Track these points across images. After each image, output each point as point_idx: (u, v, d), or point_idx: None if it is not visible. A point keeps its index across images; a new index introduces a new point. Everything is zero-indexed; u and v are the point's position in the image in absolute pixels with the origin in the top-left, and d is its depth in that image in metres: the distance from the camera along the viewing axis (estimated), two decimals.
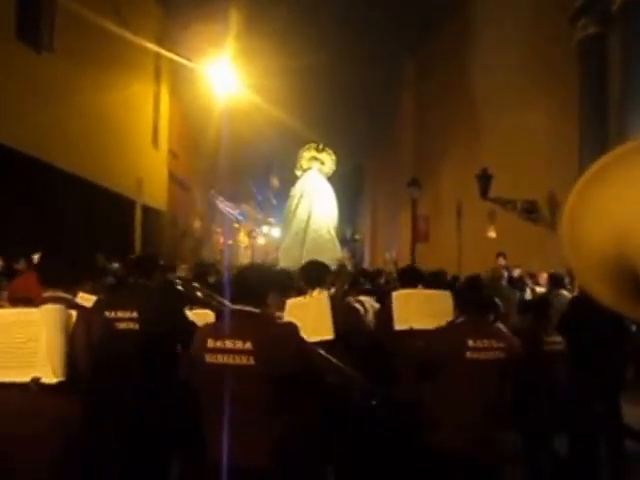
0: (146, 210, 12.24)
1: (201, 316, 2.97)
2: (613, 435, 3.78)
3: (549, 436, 3.49)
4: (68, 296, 2.21)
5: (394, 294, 3.31)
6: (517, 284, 6.43)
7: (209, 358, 2.05)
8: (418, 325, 3.01)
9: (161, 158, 13.79)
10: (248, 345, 2.02)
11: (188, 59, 12.11)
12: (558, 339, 3.45)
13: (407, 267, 4.01)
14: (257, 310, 2.12)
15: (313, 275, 3.08)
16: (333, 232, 7.78)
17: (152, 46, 11.15)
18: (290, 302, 2.90)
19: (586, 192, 0.68)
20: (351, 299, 3.63)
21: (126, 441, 2.56)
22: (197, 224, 17.75)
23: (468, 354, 2.44)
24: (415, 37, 16.01)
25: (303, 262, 5.59)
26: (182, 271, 7.38)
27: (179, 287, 3.25)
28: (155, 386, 2.73)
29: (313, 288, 3.00)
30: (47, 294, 2.18)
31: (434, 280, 4.11)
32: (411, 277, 3.57)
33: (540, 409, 3.33)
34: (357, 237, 26.04)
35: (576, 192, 0.69)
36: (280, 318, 2.69)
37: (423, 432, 2.58)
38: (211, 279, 4.85)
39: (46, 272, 2.26)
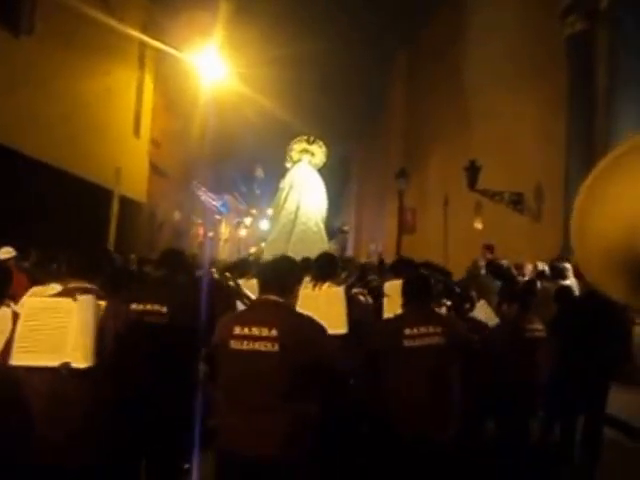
0: (124, 201, 11.85)
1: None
2: (591, 421, 3.83)
3: (524, 419, 3.51)
4: (94, 287, 2.27)
5: (386, 284, 3.29)
6: (504, 276, 6.36)
7: (234, 344, 2.13)
8: None
9: (142, 147, 13.39)
10: (274, 332, 2.10)
11: (174, 47, 11.73)
12: (540, 327, 3.51)
13: (400, 259, 3.94)
14: (282, 300, 2.22)
15: (325, 268, 3.05)
16: (322, 225, 7.67)
17: (137, 34, 10.75)
18: (303, 293, 2.79)
19: (596, 188, 0.70)
20: (357, 292, 3.52)
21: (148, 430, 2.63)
22: (177, 215, 17.37)
23: (405, 342, 2.58)
24: (406, 28, 15.86)
25: (289, 254, 5.41)
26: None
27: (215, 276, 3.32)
28: (179, 379, 2.74)
29: (324, 281, 2.95)
30: (73, 284, 2.26)
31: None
32: (403, 268, 3.52)
33: (519, 393, 3.36)
34: (346, 228, 25.98)
35: (586, 188, 0.71)
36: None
37: (380, 419, 2.69)
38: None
39: (72, 264, 2.35)
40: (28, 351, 2.03)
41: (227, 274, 3.53)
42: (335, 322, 2.70)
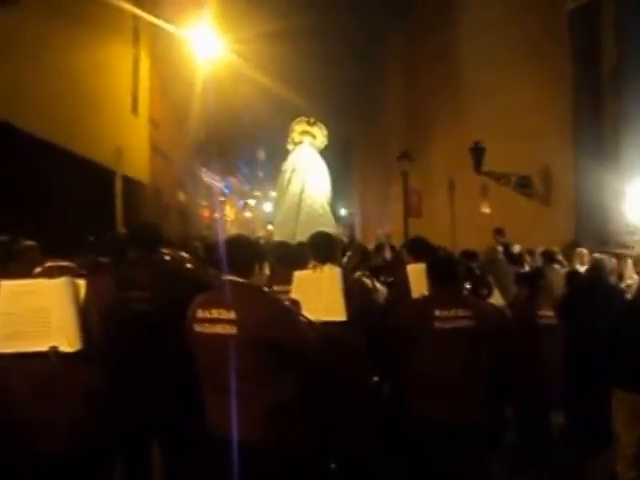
0: (127, 181, 11.68)
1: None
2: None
3: (541, 407, 3.47)
4: (71, 264, 2.20)
5: (409, 267, 3.18)
6: (516, 260, 6.25)
7: (198, 327, 2.11)
8: None
9: (142, 127, 13.15)
10: (232, 314, 2.04)
11: (169, 21, 11.40)
12: (550, 313, 3.49)
13: (417, 239, 3.81)
14: (243, 280, 2.14)
15: (323, 248, 2.84)
16: (327, 207, 7.55)
17: (129, 6, 10.41)
18: (299, 275, 2.68)
19: None
20: (359, 275, 3.39)
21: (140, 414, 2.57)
22: (182, 197, 17.24)
23: (436, 324, 2.56)
24: (402, 5, 15.46)
25: (297, 238, 5.26)
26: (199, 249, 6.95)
27: (166, 258, 3.10)
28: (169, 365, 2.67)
29: (323, 263, 2.75)
30: (50, 263, 2.19)
31: None
32: (423, 249, 3.40)
33: (529, 380, 3.40)
34: (352, 211, 25.88)
35: None
36: (286, 293, 2.62)
37: (407, 400, 2.65)
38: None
39: (47, 241, 2.31)
40: (12, 337, 1.97)
41: (184, 254, 3.34)
42: (332, 309, 2.53)
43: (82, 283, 2.06)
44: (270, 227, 10.27)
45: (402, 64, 17.69)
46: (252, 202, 31.88)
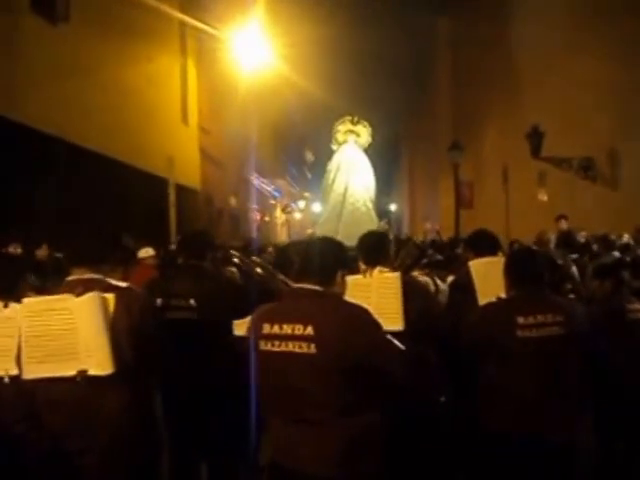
0: (179, 189, 12.09)
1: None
2: None
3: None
4: (98, 276, 1.98)
5: (471, 263, 2.84)
6: (580, 250, 5.81)
7: (264, 345, 1.78)
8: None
9: (191, 135, 13.57)
10: (309, 330, 1.72)
11: (214, 27, 11.63)
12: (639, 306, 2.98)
13: (480, 232, 3.40)
14: (322, 289, 1.80)
15: (373, 249, 2.54)
16: (370, 205, 7.68)
17: (176, 13, 10.69)
18: (351, 280, 2.33)
19: None
20: (417, 274, 3.08)
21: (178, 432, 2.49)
22: (233, 202, 17.59)
23: (519, 332, 2.22)
24: None
25: (340, 236, 5.15)
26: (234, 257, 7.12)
27: (235, 260, 2.91)
28: (212, 377, 2.51)
29: (374, 266, 2.46)
30: (73, 277, 1.98)
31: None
32: (487, 243, 3.01)
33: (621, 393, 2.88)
34: (392, 209, 25.48)
35: None
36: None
37: (482, 418, 2.32)
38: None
39: (69, 249, 2.08)
40: (40, 362, 1.83)
41: (255, 258, 3.10)
42: (389, 317, 2.24)
43: (111, 297, 1.88)
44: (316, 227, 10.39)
45: (450, 54, 17.19)
46: (302, 204, 32.08)
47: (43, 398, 1.87)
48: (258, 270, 2.85)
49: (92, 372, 1.80)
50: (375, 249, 2.54)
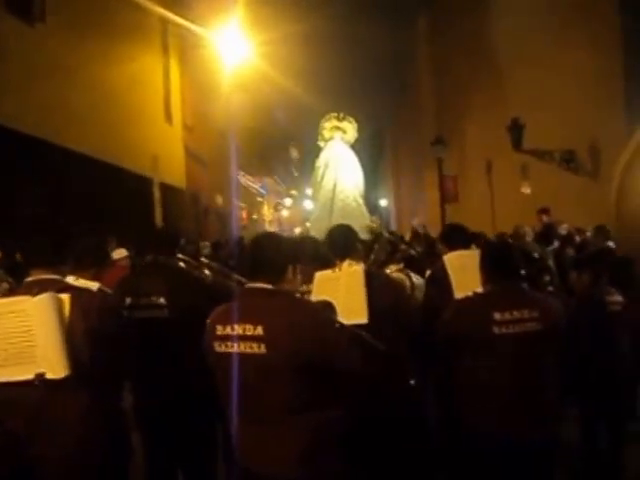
0: (165, 188, 11.99)
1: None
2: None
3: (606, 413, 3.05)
4: (55, 276, 1.94)
5: (446, 257, 2.86)
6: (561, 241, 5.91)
7: (218, 347, 1.77)
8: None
9: (176, 133, 13.45)
10: (259, 330, 1.70)
11: (196, 24, 11.53)
12: (619, 298, 3.03)
13: (452, 226, 3.33)
14: (272, 287, 1.77)
15: (340, 242, 2.55)
16: (360, 200, 7.67)
17: (158, 9, 10.53)
18: (319, 275, 2.42)
19: None
20: (393, 269, 3.07)
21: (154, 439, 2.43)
22: (219, 200, 17.50)
23: (496, 329, 2.17)
24: None
25: None
26: (204, 248, 7.19)
27: (181, 264, 2.78)
28: (185, 379, 2.43)
29: (342, 259, 2.47)
30: (31, 278, 1.94)
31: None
32: (459, 237, 3.04)
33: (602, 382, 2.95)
34: (383, 204, 25.58)
35: None
36: (307, 294, 2.34)
37: (462, 418, 2.30)
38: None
39: (27, 252, 2.03)
40: None
41: (204, 259, 2.97)
42: (353, 310, 2.24)
43: (66, 298, 1.82)
44: (308, 224, 10.45)
45: (431, 47, 17.25)
46: (288, 201, 32.04)
47: (2, 402, 1.82)
48: (206, 272, 2.81)
49: (49, 376, 1.76)
50: (342, 243, 2.55)
